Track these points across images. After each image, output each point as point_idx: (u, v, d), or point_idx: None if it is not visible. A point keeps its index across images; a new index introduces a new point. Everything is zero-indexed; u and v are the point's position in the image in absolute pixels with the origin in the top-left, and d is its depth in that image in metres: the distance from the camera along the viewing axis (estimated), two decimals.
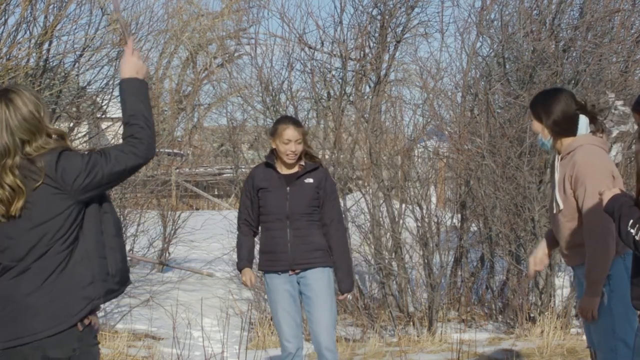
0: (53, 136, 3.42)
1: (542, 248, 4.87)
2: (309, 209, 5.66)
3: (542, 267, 4.89)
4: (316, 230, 5.67)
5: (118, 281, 3.47)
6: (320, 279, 5.65)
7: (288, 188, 5.67)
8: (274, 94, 9.58)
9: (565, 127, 4.59)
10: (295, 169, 5.73)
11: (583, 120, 4.59)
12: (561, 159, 4.64)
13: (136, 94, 3.45)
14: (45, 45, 8.83)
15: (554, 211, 4.65)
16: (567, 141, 4.61)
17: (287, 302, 5.70)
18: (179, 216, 12.43)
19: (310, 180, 5.68)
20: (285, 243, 5.65)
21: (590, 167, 4.45)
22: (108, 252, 3.43)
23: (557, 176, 4.62)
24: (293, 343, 5.70)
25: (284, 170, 5.74)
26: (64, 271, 3.36)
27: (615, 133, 7.80)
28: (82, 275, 3.37)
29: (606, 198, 3.74)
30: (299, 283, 5.71)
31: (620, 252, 4.44)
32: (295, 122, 5.81)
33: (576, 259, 4.62)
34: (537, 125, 4.65)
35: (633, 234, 3.47)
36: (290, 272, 5.69)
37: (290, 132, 5.65)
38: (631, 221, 3.50)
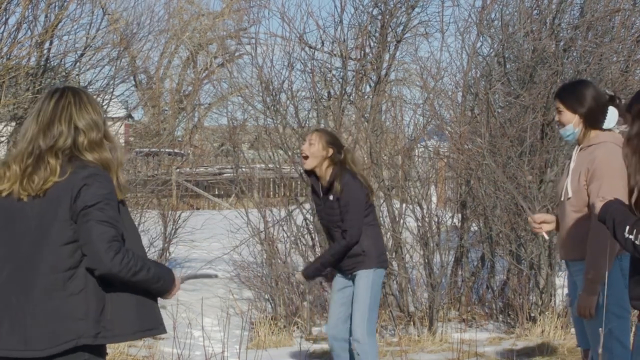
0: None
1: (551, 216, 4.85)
2: (340, 223, 5.97)
3: (539, 228, 4.78)
4: None
5: (114, 327, 3.36)
6: (360, 279, 5.95)
7: (322, 202, 6.04)
8: (274, 93, 9.57)
9: (597, 117, 4.56)
10: (326, 181, 6.01)
11: (612, 112, 4.56)
12: (580, 149, 4.63)
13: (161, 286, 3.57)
14: (46, 45, 8.84)
15: (562, 198, 4.64)
16: (592, 134, 4.58)
17: (336, 294, 6.11)
18: (179, 216, 12.41)
19: (331, 197, 5.96)
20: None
21: (609, 166, 4.43)
22: (108, 299, 3.36)
23: (572, 165, 4.61)
24: (333, 332, 6.09)
25: (321, 180, 6.05)
26: (60, 293, 3.29)
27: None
28: (76, 307, 3.30)
29: (599, 206, 3.70)
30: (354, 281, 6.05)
31: (617, 253, 4.44)
32: (322, 129, 6.46)
33: (573, 253, 4.61)
34: (568, 116, 4.60)
35: (632, 239, 3.43)
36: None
37: (309, 134, 6.10)
38: (627, 227, 3.46)
